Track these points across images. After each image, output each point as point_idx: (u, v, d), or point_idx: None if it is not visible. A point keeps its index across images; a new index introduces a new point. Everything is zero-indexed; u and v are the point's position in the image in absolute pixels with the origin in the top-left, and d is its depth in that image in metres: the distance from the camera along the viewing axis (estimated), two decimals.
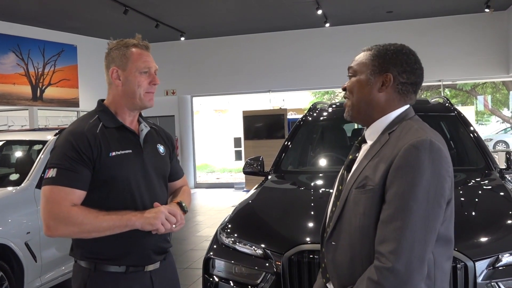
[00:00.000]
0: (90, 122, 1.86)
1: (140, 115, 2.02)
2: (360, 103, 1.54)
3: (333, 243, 1.51)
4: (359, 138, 1.62)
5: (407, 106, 1.54)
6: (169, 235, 2.04)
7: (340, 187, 1.57)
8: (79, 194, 1.77)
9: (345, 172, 1.59)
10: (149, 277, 1.91)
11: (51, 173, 1.77)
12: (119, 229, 1.75)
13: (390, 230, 1.33)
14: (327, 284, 1.60)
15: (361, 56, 1.57)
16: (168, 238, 2.04)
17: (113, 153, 1.83)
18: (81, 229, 1.74)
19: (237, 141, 14.80)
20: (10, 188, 4.19)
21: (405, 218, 1.31)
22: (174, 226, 1.84)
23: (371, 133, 1.54)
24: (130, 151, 1.88)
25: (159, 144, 2.03)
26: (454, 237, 1.47)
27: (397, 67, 1.49)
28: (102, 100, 1.98)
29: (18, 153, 5.19)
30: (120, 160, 1.84)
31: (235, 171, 18.83)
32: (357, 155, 1.58)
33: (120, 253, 1.84)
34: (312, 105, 4.97)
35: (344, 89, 1.60)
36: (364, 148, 1.56)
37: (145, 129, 1.97)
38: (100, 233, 1.75)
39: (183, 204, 1.97)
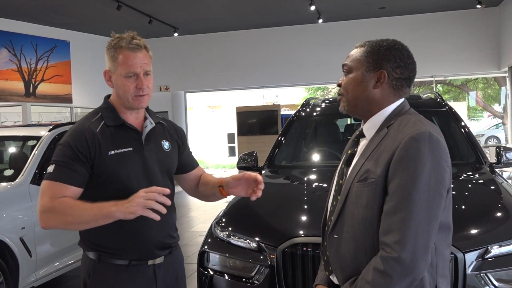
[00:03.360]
0: (92, 121, 1.88)
1: (147, 110, 2.01)
2: (356, 100, 1.57)
3: (335, 236, 1.54)
4: (357, 133, 1.65)
5: (402, 100, 1.58)
6: (174, 230, 2.04)
7: (340, 182, 1.60)
8: (74, 190, 1.79)
9: (345, 166, 1.62)
10: (152, 271, 1.93)
11: (50, 169, 1.80)
12: (103, 221, 1.72)
13: (395, 221, 1.37)
14: (330, 277, 1.63)
15: (355, 53, 1.59)
16: (174, 234, 2.03)
17: (112, 152, 1.84)
18: (66, 220, 1.75)
19: (230, 137, 14.80)
20: (4, 184, 4.19)
21: (409, 208, 1.36)
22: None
23: (369, 128, 1.58)
24: (131, 149, 1.88)
25: (164, 140, 2.01)
26: None
27: (390, 63, 1.52)
28: (109, 96, 1.98)
29: (12, 149, 5.18)
30: (120, 159, 1.85)
31: (228, 167, 18.85)
32: (355, 149, 1.62)
33: (122, 247, 1.87)
34: (305, 101, 5.00)
35: (338, 85, 1.63)
36: (363, 142, 1.59)
37: (149, 125, 1.97)
38: (85, 225, 1.77)
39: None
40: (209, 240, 3.04)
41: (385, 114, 1.55)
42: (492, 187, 3.25)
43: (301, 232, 2.74)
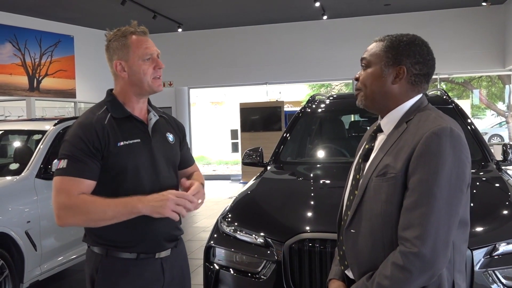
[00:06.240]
0: (98, 114, 1.87)
1: (149, 103, 2.03)
2: (374, 95, 1.57)
3: (352, 231, 1.54)
4: (374, 127, 1.64)
5: (420, 95, 1.57)
6: (180, 223, 2.05)
7: (357, 176, 1.59)
8: (88, 184, 1.79)
9: (362, 161, 1.61)
10: (160, 264, 1.93)
11: (62, 164, 1.79)
12: (125, 217, 1.75)
13: (415, 216, 1.36)
14: (346, 271, 1.63)
15: (374, 47, 1.58)
16: (179, 225, 2.05)
17: (121, 143, 1.84)
18: (88, 218, 1.76)
19: (233, 133, 14.80)
20: (10, 178, 4.20)
21: (430, 204, 1.35)
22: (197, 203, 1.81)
23: (387, 123, 1.57)
24: (139, 140, 1.88)
25: (168, 133, 2.03)
26: None
27: (410, 59, 1.52)
28: (111, 90, 1.98)
29: (17, 143, 5.19)
30: (129, 150, 1.85)
31: (231, 163, 18.86)
32: (373, 144, 1.61)
33: (131, 241, 1.86)
34: (310, 97, 5.01)
35: (356, 79, 1.62)
36: (381, 137, 1.59)
37: (154, 118, 1.98)
38: (107, 222, 1.76)
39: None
40: (215, 235, 3.03)
41: (403, 109, 1.54)
42: (499, 185, 3.25)
43: (308, 227, 2.74)
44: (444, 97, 4.48)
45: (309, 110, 4.68)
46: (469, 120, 4.12)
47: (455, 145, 1.39)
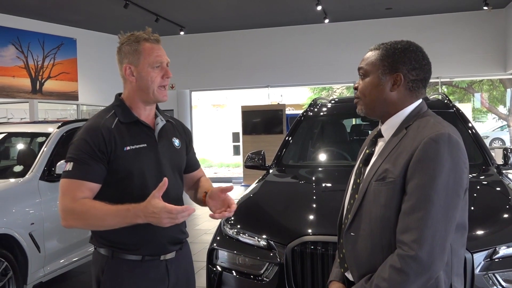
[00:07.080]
0: (106, 118, 1.90)
1: (157, 108, 2.05)
2: (374, 103, 1.60)
3: (352, 234, 1.57)
4: (375, 133, 1.68)
5: (419, 101, 1.60)
6: (185, 226, 2.08)
7: (358, 180, 1.63)
8: (93, 187, 1.81)
9: (363, 166, 1.64)
10: (164, 266, 1.96)
11: (68, 166, 1.82)
12: (124, 225, 1.77)
13: (413, 220, 1.39)
14: (346, 274, 1.66)
15: (370, 56, 1.61)
16: (184, 229, 2.08)
17: (128, 148, 1.86)
18: (88, 223, 1.80)
19: (235, 136, 14.84)
20: (14, 180, 4.23)
21: (427, 208, 1.38)
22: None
23: (387, 128, 1.60)
24: (145, 145, 1.91)
25: (174, 138, 2.05)
26: None
27: (406, 65, 1.55)
28: (120, 94, 2.00)
29: (21, 145, 5.22)
30: (135, 155, 1.87)
31: (232, 165, 18.89)
32: (373, 149, 1.64)
33: (136, 243, 1.89)
34: (312, 101, 5.04)
35: (355, 89, 1.65)
36: (381, 142, 1.62)
37: (160, 122, 2.00)
38: (106, 228, 1.81)
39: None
40: (218, 238, 3.06)
41: (403, 115, 1.58)
42: (500, 189, 3.27)
43: (310, 230, 2.77)
44: (445, 101, 4.50)
45: (311, 113, 4.70)
46: (470, 124, 4.14)
47: (452, 151, 1.42)
